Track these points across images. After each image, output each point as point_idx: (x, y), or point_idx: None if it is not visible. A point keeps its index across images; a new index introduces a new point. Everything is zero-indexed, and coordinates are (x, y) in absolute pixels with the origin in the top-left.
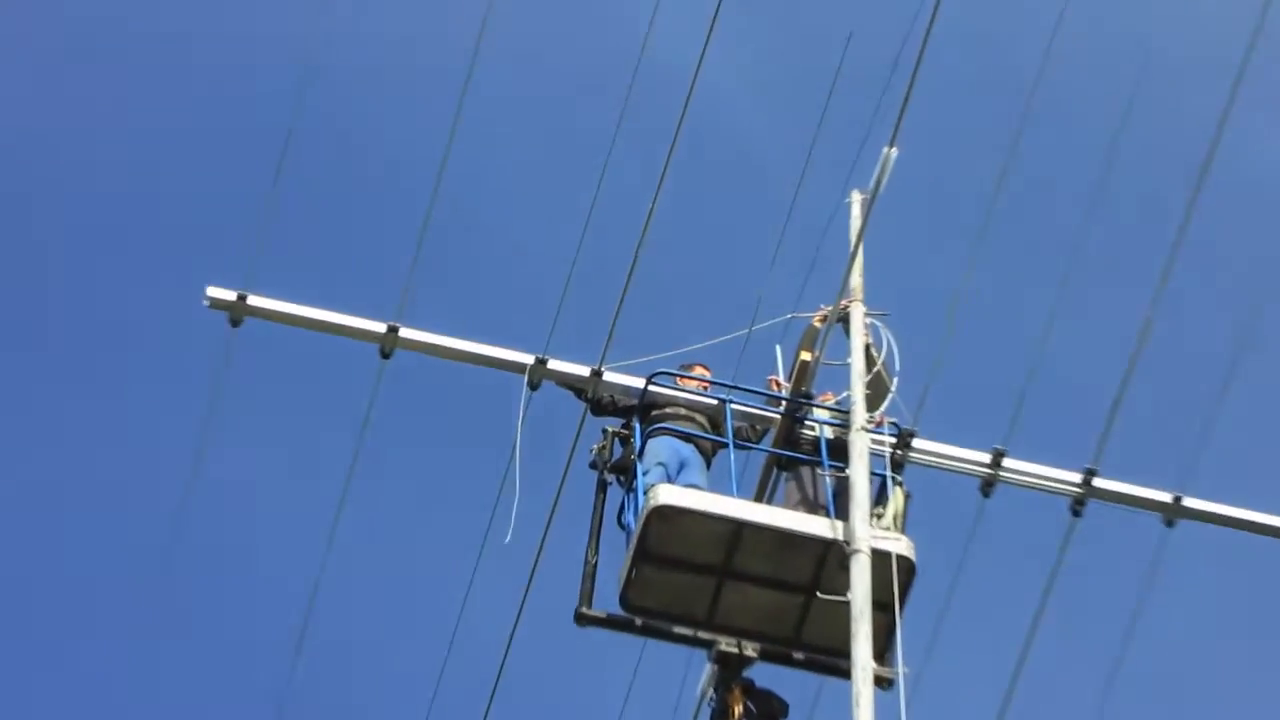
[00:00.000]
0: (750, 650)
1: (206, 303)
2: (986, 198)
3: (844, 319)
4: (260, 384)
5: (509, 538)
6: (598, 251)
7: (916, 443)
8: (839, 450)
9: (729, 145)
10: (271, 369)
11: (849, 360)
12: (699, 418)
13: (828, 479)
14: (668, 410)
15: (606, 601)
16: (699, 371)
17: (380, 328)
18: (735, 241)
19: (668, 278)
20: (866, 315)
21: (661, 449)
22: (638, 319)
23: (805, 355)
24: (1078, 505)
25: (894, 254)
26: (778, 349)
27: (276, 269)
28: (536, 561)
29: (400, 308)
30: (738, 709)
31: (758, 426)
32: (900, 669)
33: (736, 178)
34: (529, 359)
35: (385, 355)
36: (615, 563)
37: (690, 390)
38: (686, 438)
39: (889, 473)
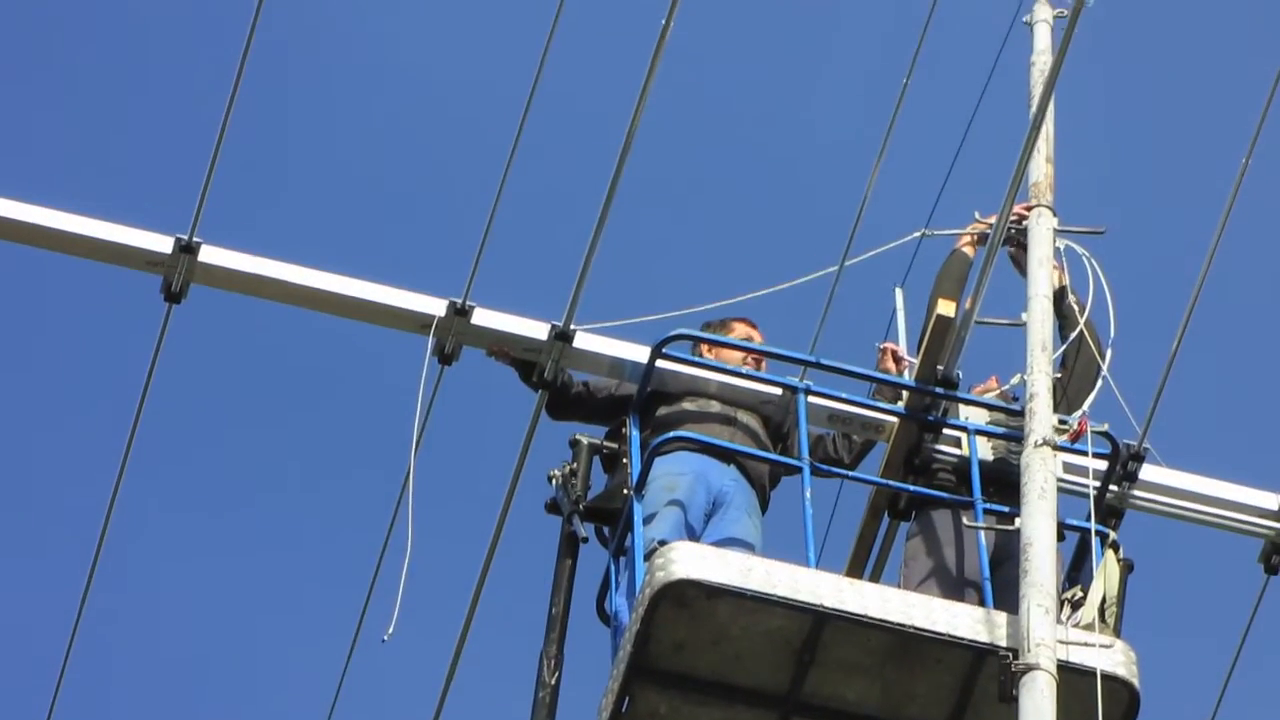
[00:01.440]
0: None
1: None
2: None
3: (1017, 241)
4: None
5: (390, 631)
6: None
7: (1146, 472)
8: (1004, 483)
9: None
10: None
11: (1024, 317)
12: (744, 418)
13: (981, 535)
14: (687, 405)
15: None
16: (741, 333)
17: (163, 244)
18: (805, 106)
19: (686, 175)
20: (1060, 233)
21: (677, 476)
22: (631, 247)
23: (945, 307)
24: None
25: (1106, 123)
26: (897, 294)
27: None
28: (449, 681)
29: (195, 220)
30: None
31: (855, 437)
32: None
33: None
34: (439, 306)
35: (173, 296)
36: (594, 685)
37: (727, 368)
38: (723, 455)
39: (1094, 524)
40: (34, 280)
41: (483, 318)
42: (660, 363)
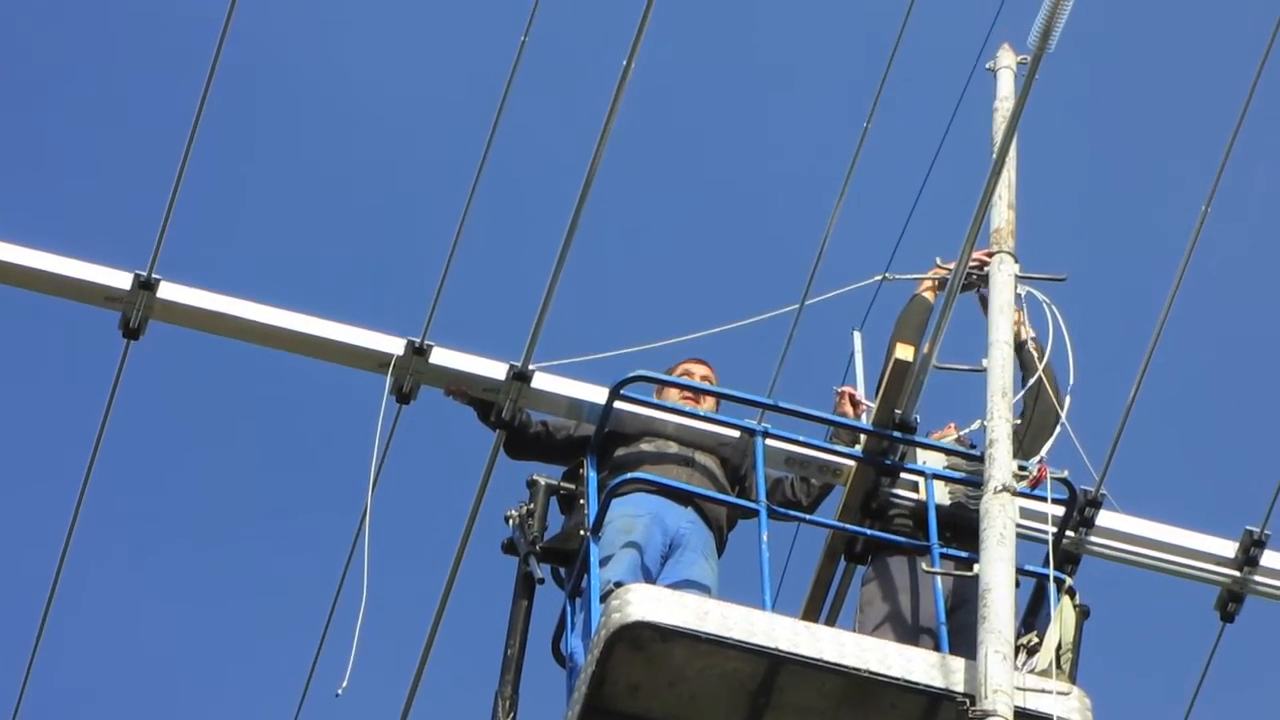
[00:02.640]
0: None
1: None
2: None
3: (977, 284)
4: None
5: (344, 686)
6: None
7: (1104, 518)
8: (961, 528)
9: None
10: None
11: (985, 363)
12: (702, 459)
13: (938, 582)
14: (644, 447)
15: None
16: (695, 373)
17: (122, 280)
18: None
19: (645, 214)
20: (1021, 279)
21: (634, 518)
22: (590, 286)
23: (903, 351)
24: None
25: (1067, 169)
26: (856, 337)
27: None
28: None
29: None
30: None
31: (813, 481)
32: None
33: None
34: (397, 345)
35: (131, 332)
36: None
37: (686, 410)
38: (681, 497)
39: (1052, 570)
40: None
41: (441, 357)
42: (618, 404)
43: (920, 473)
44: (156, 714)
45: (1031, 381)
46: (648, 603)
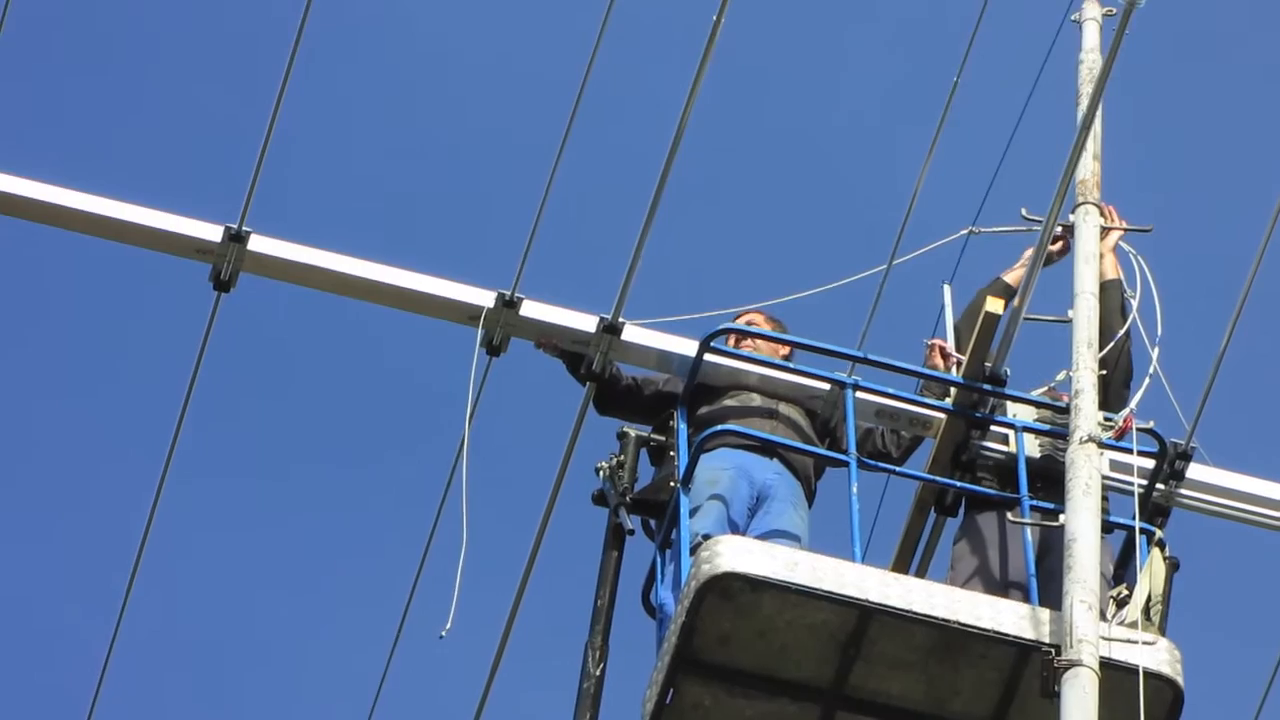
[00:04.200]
0: None
1: None
2: None
3: (1064, 239)
4: None
5: (448, 628)
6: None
7: (1194, 470)
8: (1050, 479)
9: None
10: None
11: (1071, 314)
12: (787, 410)
13: (1027, 532)
14: (728, 402)
15: None
16: (748, 321)
17: (213, 232)
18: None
19: (734, 172)
20: (1107, 231)
21: (719, 471)
22: (680, 242)
23: (993, 304)
24: None
25: (1154, 120)
26: (945, 291)
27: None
28: (494, 669)
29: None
30: None
31: (903, 433)
32: None
33: None
34: (487, 298)
35: (222, 284)
36: (639, 677)
37: (776, 362)
38: (768, 450)
39: (1139, 523)
40: (85, 268)
41: (531, 309)
42: (708, 356)
43: (1010, 425)
44: (258, 659)
45: (1121, 333)
46: (737, 553)
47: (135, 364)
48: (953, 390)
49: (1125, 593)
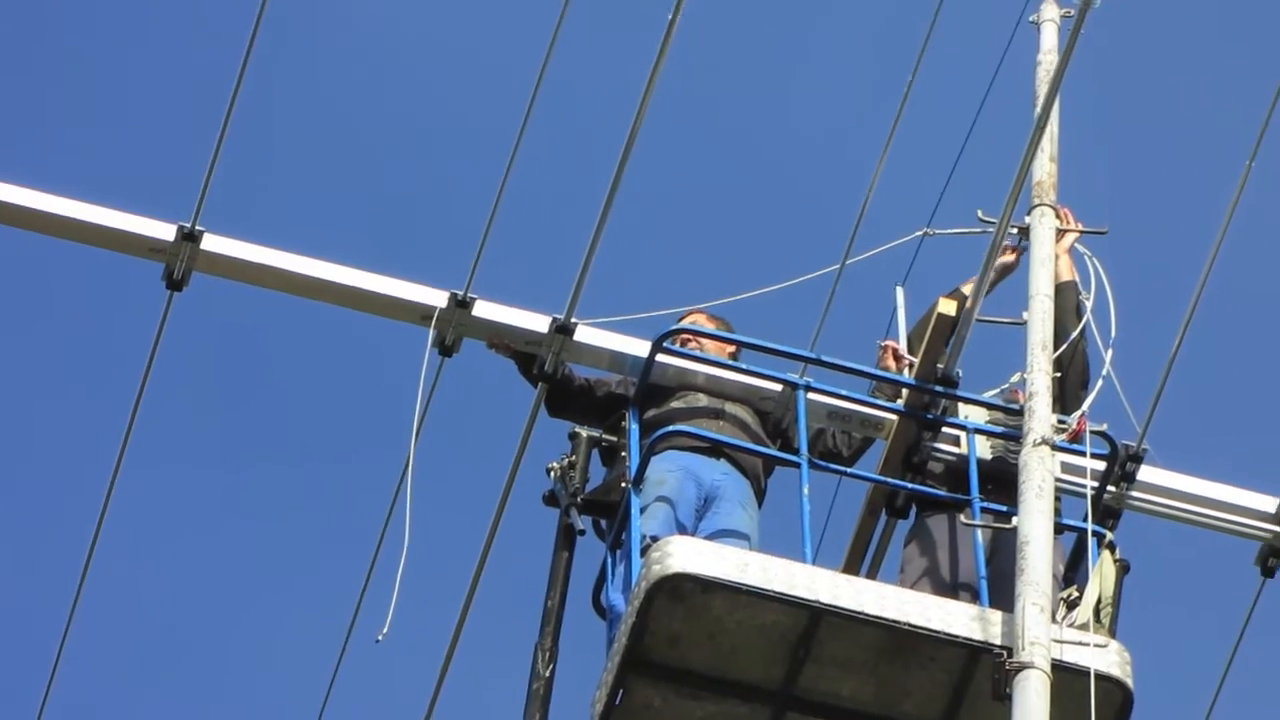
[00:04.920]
0: None
1: None
2: None
3: (1018, 241)
4: None
5: (385, 631)
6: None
7: (1145, 473)
8: (1001, 481)
9: None
10: None
11: (1026, 316)
12: (734, 409)
13: (978, 534)
14: (674, 404)
15: None
16: (712, 328)
17: (166, 231)
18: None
19: (687, 172)
20: (1063, 233)
21: (666, 473)
22: (632, 242)
23: (946, 306)
24: None
25: (1110, 122)
26: (898, 293)
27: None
28: (444, 669)
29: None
30: None
31: (854, 434)
32: None
33: None
34: (440, 298)
35: (175, 283)
36: (588, 678)
37: (729, 363)
38: (716, 450)
39: (1091, 524)
40: (37, 266)
41: (484, 310)
42: (661, 357)
43: (962, 427)
44: (199, 658)
45: (1075, 334)
46: (688, 554)
47: (88, 362)
48: (905, 392)
49: (1075, 594)
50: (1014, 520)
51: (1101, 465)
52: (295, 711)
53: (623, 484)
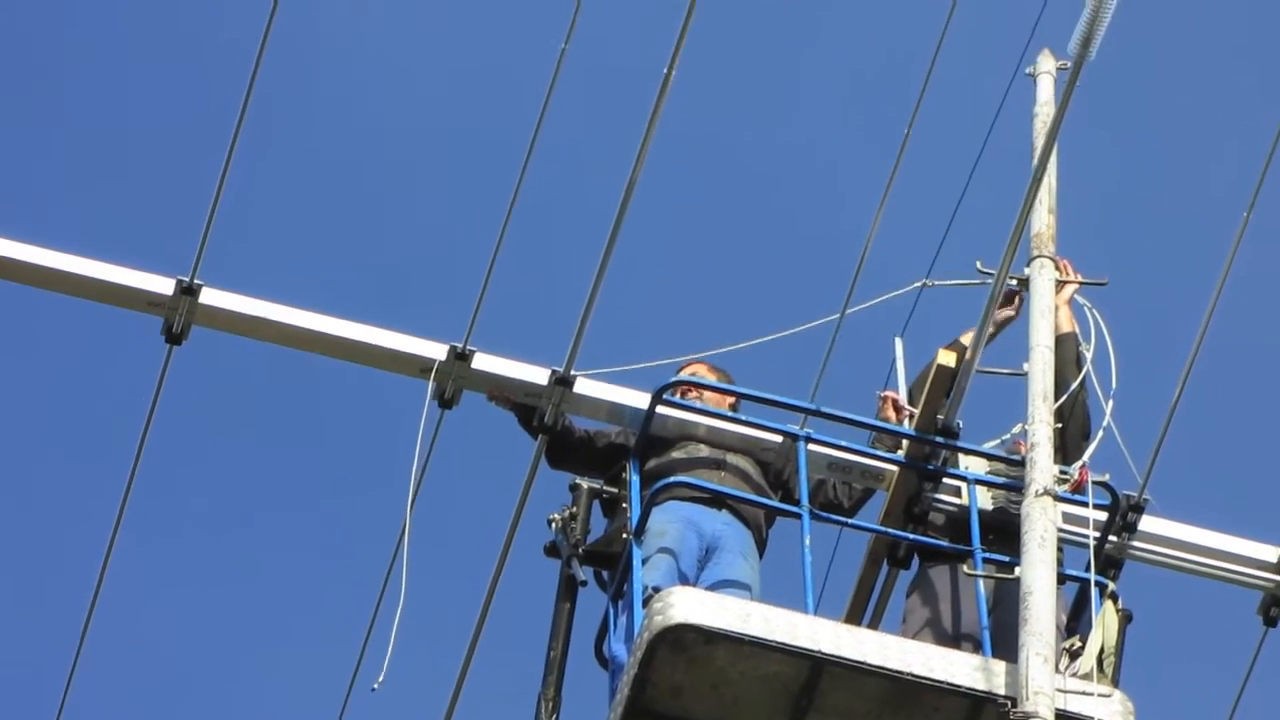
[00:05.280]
0: None
1: None
2: None
3: (1016, 292)
4: None
5: (381, 680)
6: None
7: (1146, 523)
8: (1003, 532)
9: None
10: None
11: (1026, 367)
12: (735, 460)
13: (980, 585)
14: (675, 454)
15: None
16: (692, 373)
17: (165, 285)
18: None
19: (686, 223)
20: (1062, 284)
21: (667, 524)
22: (632, 294)
23: (945, 357)
24: None
25: (1108, 174)
26: (897, 344)
27: None
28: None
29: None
30: None
31: (854, 485)
32: None
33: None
34: (439, 351)
35: (174, 337)
36: None
37: (729, 415)
38: (717, 500)
39: (1093, 575)
40: (35, 320)
41: (483, 362)
42: (661, 409)
43: (963, 478)
44: (198, 707)
45: (1075, 385)
46: (690, 605)
47: (88, 416)
48: (905, 443)
49: (1078, 644)
50: (1016, 571)
51: (1103, 515)
52: None
53: (624, 535)
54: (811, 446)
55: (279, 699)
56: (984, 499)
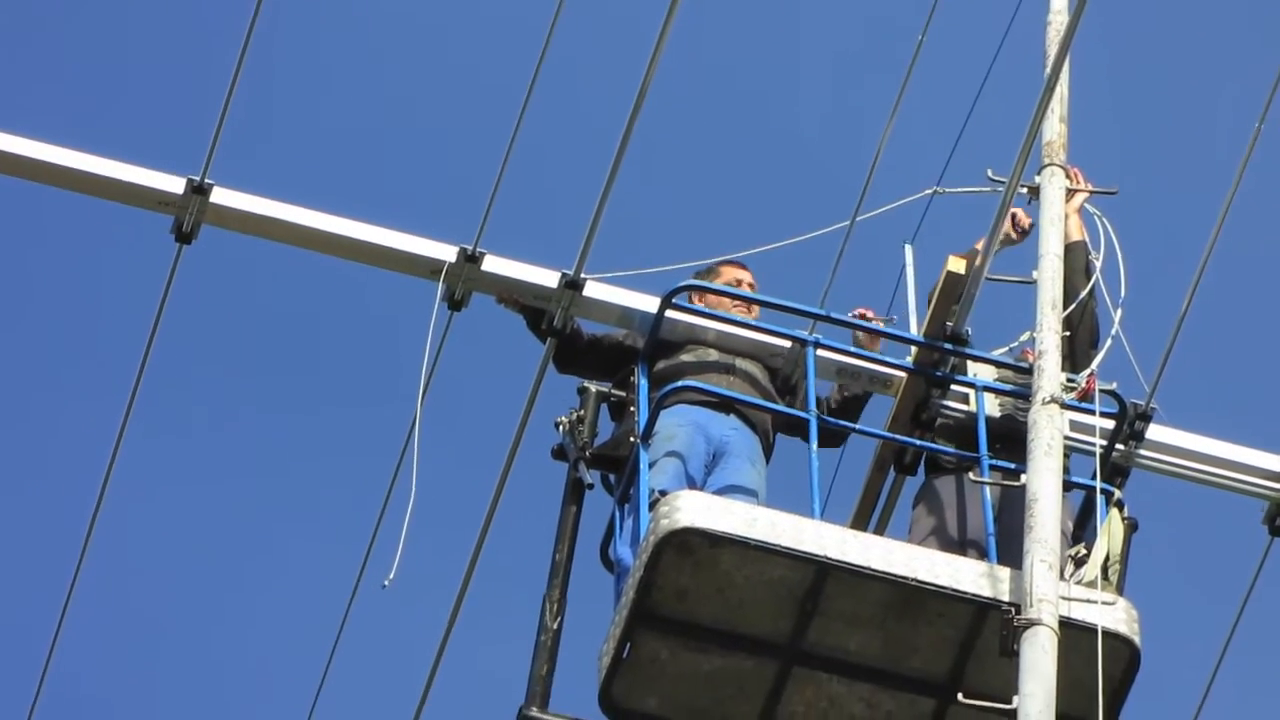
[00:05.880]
0: None
1: None
2: None
3: (1028, 200)
4: None
5: (391, 578)
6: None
7: (1153, 432)
8: (1010, 440)
9: None
10: None
11: (1035, 274)
12: (744, 365)
13: (986, 491)
14: (684, 357)
15: (577, 699)
16: (730, 277)
17: (175, 184)
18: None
19: (699, 129)
20: (1072, 192)
21: (676, 428)
22: (646, 199)
23: (955, 263)
24: None
25: (1120, 82)
26: (907, 250)
27: None
28: (452, 622)
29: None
30: None
31: (847, 391)
32: None
33: None
34: (449, 252)
35: (184, 236)
36: (596, 631)
37: (737, 319)
38: (726, 405)
39: (1099, 483)
40: (46, 218)
41: (493, 264)
42: (670, 313)
43: (971, 384)
44: (206, 606)
45: (1084, 293)
46: (696, 509)
47: (97, 314)
48: (913, 350)
49: (1083, 552)
50: (1022, 478)
51: (1110, 424)
52: (303, 658)
53: (631, 438)
54: (820, 352)
55: (288, 597)
56: (991, 406)
